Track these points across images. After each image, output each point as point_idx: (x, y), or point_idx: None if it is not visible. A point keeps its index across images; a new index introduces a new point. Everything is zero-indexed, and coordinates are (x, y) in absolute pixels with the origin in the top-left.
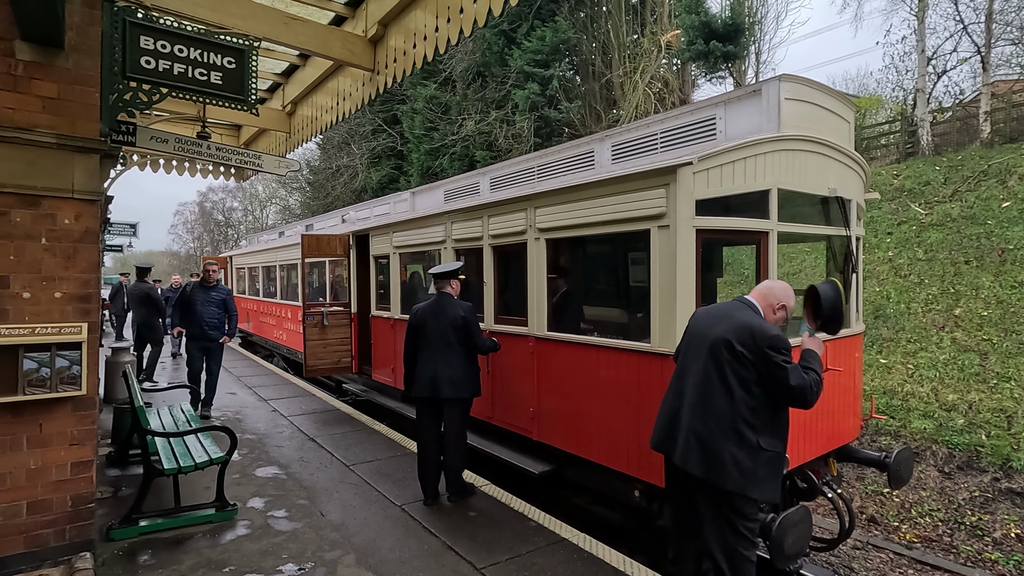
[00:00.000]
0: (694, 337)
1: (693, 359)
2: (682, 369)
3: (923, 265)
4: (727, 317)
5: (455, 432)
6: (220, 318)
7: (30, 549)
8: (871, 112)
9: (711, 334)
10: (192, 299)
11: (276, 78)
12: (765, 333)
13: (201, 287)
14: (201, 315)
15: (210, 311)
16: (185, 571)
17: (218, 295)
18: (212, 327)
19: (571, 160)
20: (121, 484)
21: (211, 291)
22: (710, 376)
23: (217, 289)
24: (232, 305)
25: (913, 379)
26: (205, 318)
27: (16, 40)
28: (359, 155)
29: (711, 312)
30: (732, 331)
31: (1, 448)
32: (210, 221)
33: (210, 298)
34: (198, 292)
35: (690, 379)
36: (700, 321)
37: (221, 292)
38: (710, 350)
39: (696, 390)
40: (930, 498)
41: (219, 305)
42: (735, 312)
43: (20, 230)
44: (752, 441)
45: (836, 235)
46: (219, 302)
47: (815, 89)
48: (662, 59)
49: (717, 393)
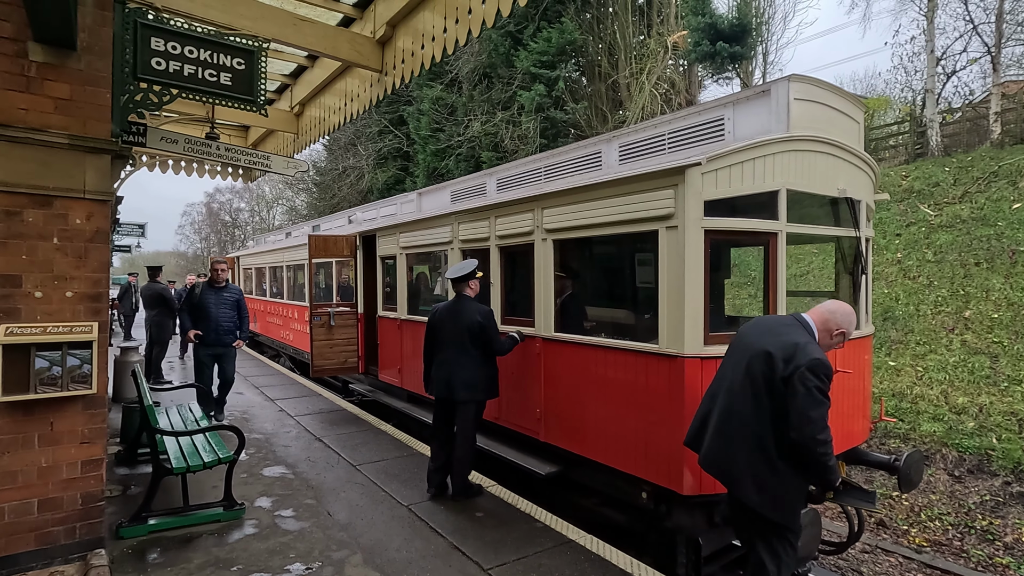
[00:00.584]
0: (739, 346)
1: (733, 366)
2: (721, 374)
3: (932, 267)
4: (776, 333)
5: (465, 433)
6: (234, 321)
7: (41, 547)
8: (880, 113)
9: (756, 345)
10: (204, 302)
11: (284, 79)
12: (809, 353)
13: (211, 288)
14: (215, 318)
15: (224, 314)
16: (194, 569)
17: (231, 296)
18: (227, 331)
19: (578, 161)
20: (130, 483)
21: (223, 292)
22: (745, 386)
23: (229, 290)
24: (245, 306)
25: (923, 382)
26: (220, 321)
27: (29, 41)
28: (366, 156)
29: (761, 323)
30: (777, 347)
31: (13, 446)
32: (217, 222)
33: (223, 300)
34: (209, 294)
35: (725, 384)
36: (749, 331)
37: (233, 293)
38: (750, 361)
39: (728, 396)
40: (940, 502)
41: (232, 307)
42: (786, 329)
43: (33, 230)
44: (772, 454)
45: (846, 236)
46: (232, 303)
47: (824, 89)
48: (668, 60)
49: (747, 403)
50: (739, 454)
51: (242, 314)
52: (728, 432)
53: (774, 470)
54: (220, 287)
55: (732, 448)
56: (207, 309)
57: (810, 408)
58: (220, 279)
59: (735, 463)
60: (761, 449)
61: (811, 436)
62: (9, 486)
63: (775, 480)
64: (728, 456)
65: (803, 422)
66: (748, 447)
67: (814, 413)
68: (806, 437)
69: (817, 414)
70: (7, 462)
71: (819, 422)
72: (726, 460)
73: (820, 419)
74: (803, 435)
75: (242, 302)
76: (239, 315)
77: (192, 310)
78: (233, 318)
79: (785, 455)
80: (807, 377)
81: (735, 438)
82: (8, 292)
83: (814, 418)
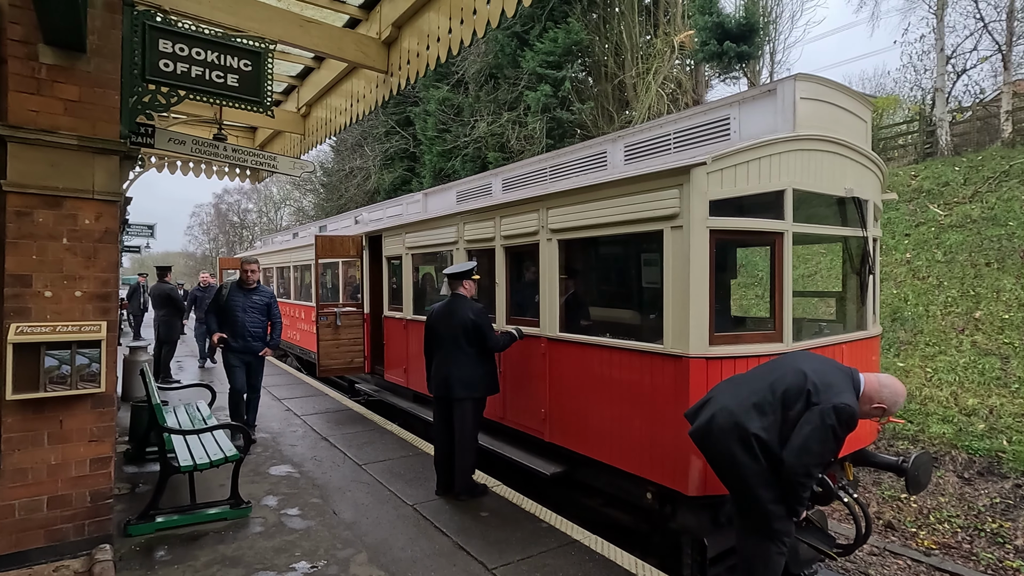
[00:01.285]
0: (783, 362)
1: (767, 371)
2: (754, 372)
3: (942, 267)
4: (823, 370)
5: (465, 432)
6: (263, 327)
7: (50, 543)
8: (888, 112)
9: (800, 366)
10: (231, 304)
11: (291, 80)
12: (844, 399)
13: (240, 290)
14: (243, 323)
15: (253, 319)
16: (200, 567)
17: (261, 299)
18: (256, 337)
19: (583, 161)
20: (138, 480)
21: (252, 295)
22: (774, 384)
23: (259, 292)
24: (277, 311)
25: (932, 383)
26: (248, 327)
27: (39, 44)
28: (372, 157)
29: (816, 359)
30: (821, 382)
31: (23, 444)
32: (225, 223)
33: (252, 303)
34: (237, 296)
35: (752, 381)
36: (801, 357)
37: (263, 296)
38: (783, 371)
39: (748, 386)
40: (949, 504)
41: (262, 311)
42: (837, 377)
43: (43, 230)
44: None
45: (853, 236)
46: (262, 308)
47: (831, 88)
48: (675, 60)
49: (768, 404)
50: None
51: (274, 320)
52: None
53: None
54: (250, 288)
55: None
56: (234, 313)
57: (816, 442)
58: (250, 281)
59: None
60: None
61: (803, 465)
62: (19, 483)
63: None
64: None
65: (803, 451)
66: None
67: (817, 448)
68: (798, 464)
69: (819, 449)
70: (17, 459)
71: (817, 458)
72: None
73: (819, 456)
74: (797, 461)
75: (274, 306)
76: (271, 321)
77: (219, 313)
78: (263, 323)
79: None
80: (829, 414)
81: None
82: (18, 291)
83: (815, 452)
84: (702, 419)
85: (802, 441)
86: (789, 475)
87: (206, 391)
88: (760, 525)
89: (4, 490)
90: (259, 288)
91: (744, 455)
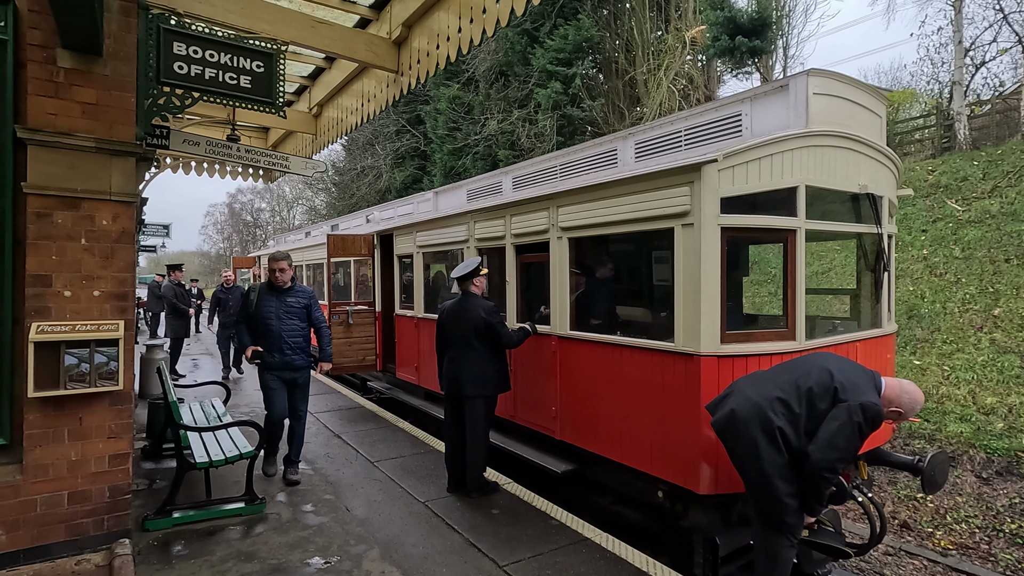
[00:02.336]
0: (806, 360)
1: (790, 368)
2: (776, 369)
3: (960, 263)
4: (847, 369)
5: (476, 430)
6: (305, 335)
7: (71, 537)
8: (904, 106)
9: (825, 365)
10: (262, 312)
11: (302, 81)
12: (871, 398)
13: (271, 292)
14: (279, 333)
15: (291, 327)
16: (216, 562)
17: (298, 302)
18: (296, 349)
19: (594, 159)
20: (155, 477)
21: (286, 296)
22: (799, 381)
23: (295, 293)
24: (320, 314)
25: (949, 381)
26: (286, 337)
27: (58, 48)
28: (383, 156)
29: (838, 359)
30: (845, 380)
31: (44, 440)
32: (239, 222)
33: (288, 307)
34: (268, 300)
35: (776, 377)
36: (824, 356)
37: (301, 297)
38: (808, 369)
39: (772, 381)
40: (967, 504)
41: (301, 316)
42: (862, 378)
43: (62, 231)
44: None
45: (867, 233)
46: (300, 311)
47: (845, 83)
48: (687, 56)
49: (793, 399)
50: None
51: (316, 324)
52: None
53: None
54: (283, 290)
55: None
56: (266, 321)
57: (843, 439)
58: (282, 281)
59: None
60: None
61: (828, 460)
62: (41, 478)
63: None
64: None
65: (830, 447)
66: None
67: (843, 444)
68: (823, 460)
69: (845, 445)
70: (39, 455)
71: (842, 454)
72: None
73: (844, 452)
74: (822, 457)
75: (315, 309)
76: (313, 326)
77: (249, 322)
78: (303, 331)
79: None
80: (856, 411)
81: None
82: (39, 291)
83: (840, 448)
84: (725, 409)
85: (829, 437)
86: (813, 470)
87: (221, 388)
88: (773, 517)
89: (26, 485)
90: (295, 287)
91: (768, 446)
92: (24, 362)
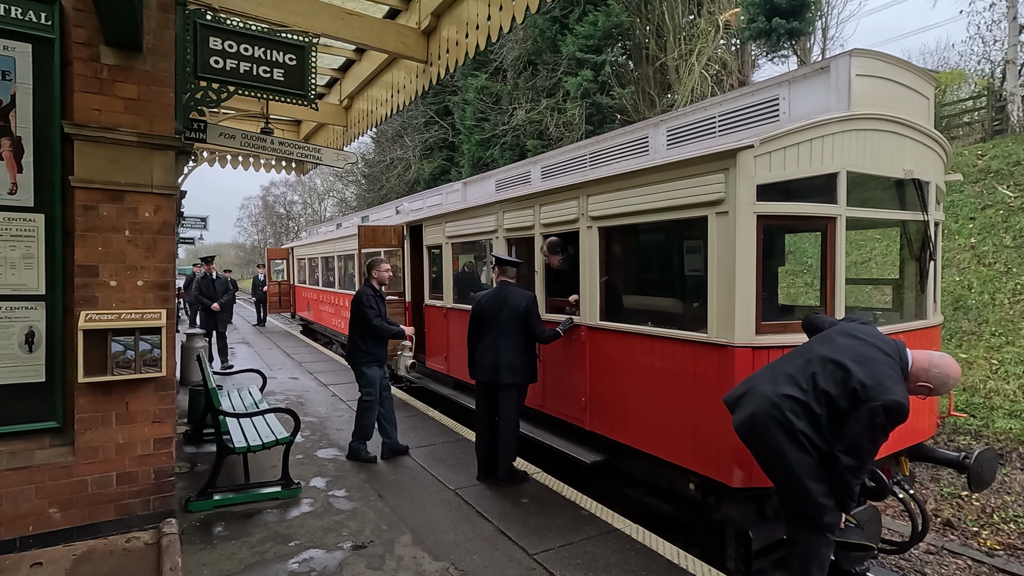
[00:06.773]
0: (824, 339)
1: (806, 352)
2: (789, 358)
3: (1011, 252)
4: (865, 359)
5: (509, 418)
6: None
7: (120, 516)
8: (952, 88)
9: (840, 343)
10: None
11: (333, 73)
12: (893, 393)
13: (377, 297)
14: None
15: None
16: (255, 543)
17: None
18: None
19: (624, 146)
20: (196, 460)
21: None
22: (814, 379)
23: None
24: None
25: (998, 375)
26: None
27: (101, 46)
28: (412, 147)
29: (859, 330)
30: (867, 376)
31: (93, 424)
32: (272, 214)
33: None
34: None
35: (791, 371)
36: (845, 328)
37: None
38: (821, 362)
39: (788, 377)
40: (1016, 503)
41: None
42: (878, 358)
43: (107, 223)
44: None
45: (912, 220)
46: None
47: (890, 64)
48: (720, 39)
49: (812, 400)
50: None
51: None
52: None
53: None
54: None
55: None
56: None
57: (868, 441)
58: (386, 280)
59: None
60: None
61: (855, 462)
62: (92, 460)
63: None
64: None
65: (854, 449)
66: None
67: (868, 446)
68: (851, 462)
69: (870, 447)
70: (89, 438)
71: (869, 455)
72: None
73: (870, 453)
74: (848, 459)
75: None
76: None
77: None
78: None
79: None
80: (879, 414)
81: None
82: (87, 281)
83: (865, 449)
84: (744, 414)
85: (852, 440)
86: (841, 472)
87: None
88: (810, 518)
89: (78, 466)
90: None
91: (794, 449)
92: (74, 349)
